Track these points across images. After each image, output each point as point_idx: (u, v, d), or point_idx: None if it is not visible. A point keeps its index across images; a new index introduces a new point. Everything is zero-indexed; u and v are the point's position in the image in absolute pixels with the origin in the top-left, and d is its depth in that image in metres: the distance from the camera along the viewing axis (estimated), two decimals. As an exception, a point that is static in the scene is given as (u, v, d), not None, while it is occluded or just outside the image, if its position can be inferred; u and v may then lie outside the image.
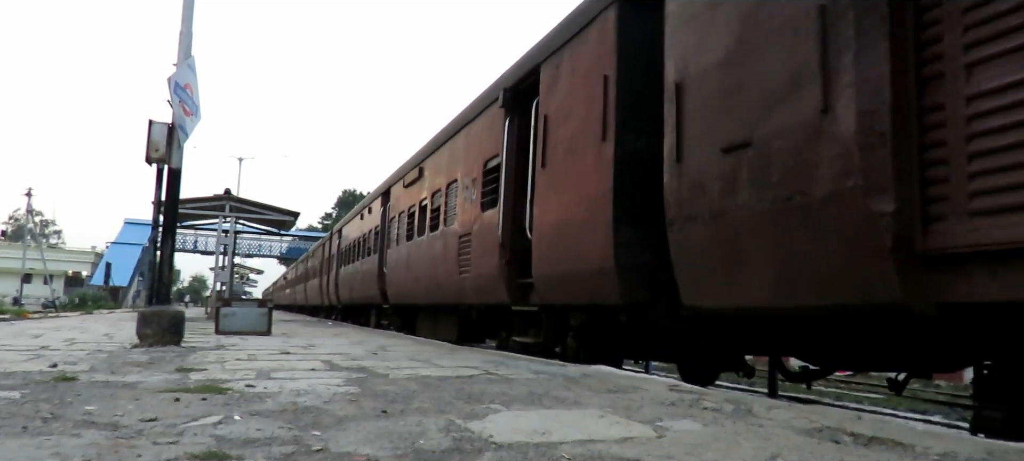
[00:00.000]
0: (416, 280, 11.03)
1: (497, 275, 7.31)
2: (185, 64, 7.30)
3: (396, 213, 13.26)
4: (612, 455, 2.17)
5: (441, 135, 10.74)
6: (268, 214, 20.57)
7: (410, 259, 11.53)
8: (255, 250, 61.07)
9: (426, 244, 10.54)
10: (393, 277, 12.91)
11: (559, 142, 6.19)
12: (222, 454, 2.07)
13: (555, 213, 6.14)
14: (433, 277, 9.97)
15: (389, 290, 13.27)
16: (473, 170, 8.59)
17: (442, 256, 9.52)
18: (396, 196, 13.51)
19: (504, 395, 3.51)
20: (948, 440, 2.48)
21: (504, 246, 7.17)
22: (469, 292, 8.36)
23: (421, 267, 10.75)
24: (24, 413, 2.71)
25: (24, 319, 15.46)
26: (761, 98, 3.75)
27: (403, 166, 13.38)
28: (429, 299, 10.49)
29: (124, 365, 4.79)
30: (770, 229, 3.66)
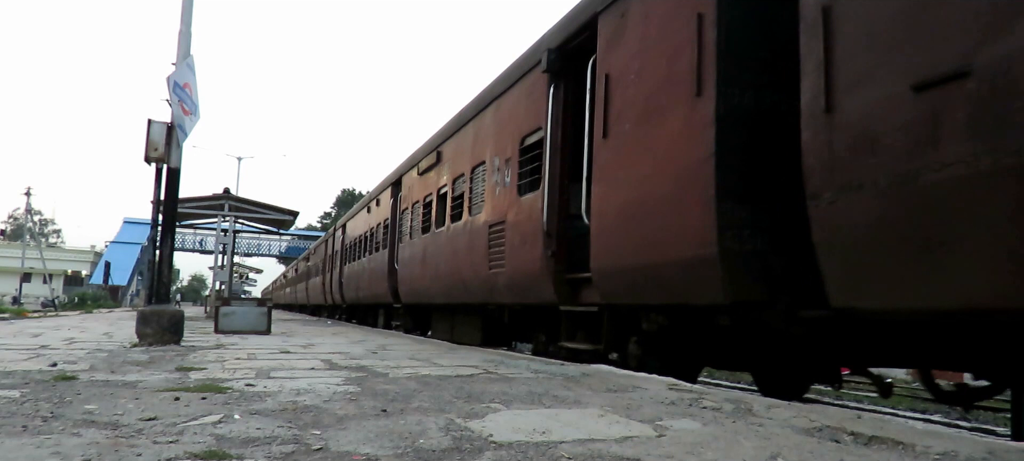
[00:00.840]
0: (434, 277, 9.93)
1: (540, 269, 6.29)
2: (184, 63, 7.30)
3: (409, 204, 12.01)
4: (612, 454, 2.17)
5: (464, 113, 9.45)
6: (267, 213, 20.55)
7: (426, 254, 10.43)
8: (254, 249, 61.07)
9: (446, 237, 9.42)
10: (406, 274, 11.76)
11: (629, 105, 5.11)
12: (222, 453, 2.07)
13: (623, 192, 5.08)
14: (455, 274, 8.91)
15: (401, 288, 12.13)
16: (506, 149, 7.46)
17: (467, 250, 8.45)
18: (409, 185, 12.24)
19: (504, 394, 3.51)
20: (948, 439, 2.48)
21: (549, 235, 6.14)
22: (501, 290, 7.32)
23: (440, 263, 9.63)
24: (24, 412, 2.71)
25: (24, 318, 15.45)
26: (991, 2, 2.71)
27: (417, 152, 12.14)
28: (450, 298, 9.37)
29: (124, 364, 4.79)
30: (1009, 193, 2.63)
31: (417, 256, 11.03)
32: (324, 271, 23.95)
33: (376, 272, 14.33)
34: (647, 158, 4.83)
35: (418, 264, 10.94)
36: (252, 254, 60.85)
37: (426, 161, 11.06)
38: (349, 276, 18.38)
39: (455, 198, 9.33)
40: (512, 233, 7.02)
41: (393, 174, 13.90)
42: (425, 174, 11.08)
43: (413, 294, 11.48)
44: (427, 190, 10.85)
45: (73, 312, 24.05)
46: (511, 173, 7.24)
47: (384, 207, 14.27)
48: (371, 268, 15.03)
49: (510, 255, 7.02)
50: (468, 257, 8.39)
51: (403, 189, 12.72)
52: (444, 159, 10.16)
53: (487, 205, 7.90)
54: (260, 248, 61.83)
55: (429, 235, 10.37)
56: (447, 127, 10.32)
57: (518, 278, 6.86)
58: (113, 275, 50.56)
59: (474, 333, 9.04)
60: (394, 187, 13.55)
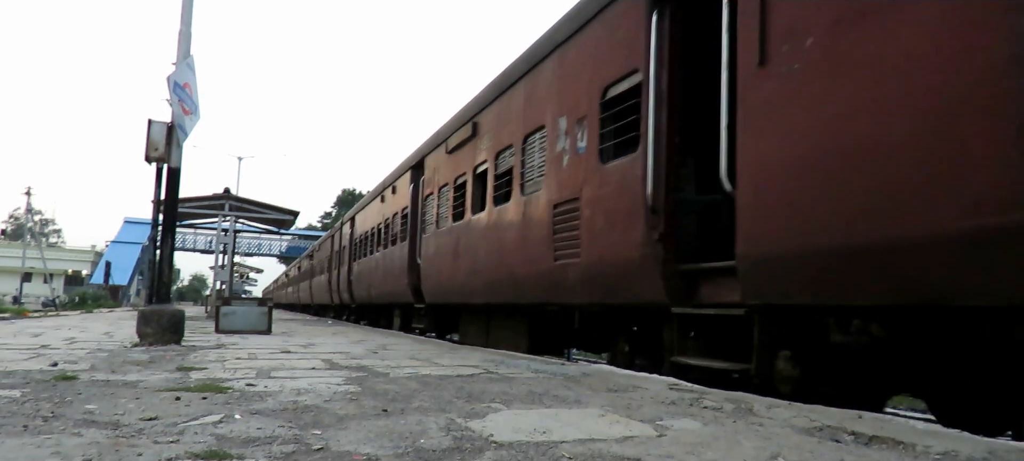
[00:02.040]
0: (470, 273, 8.46)
1: (640, 258, 4.89)
2: (184, 63, 7.31)
3: (434, 189, 10.48)
4: (612, 454, 2.17)
5: (510, 73, 7.86)
6: (268, 213, 20.56)
7: (459, 246, 8.95)
8: (255, 249, 61.14)
9: (487, 224, 8.02)
10: (431, 270, 10.29)
11: (813, 6, 3.59)
12: (223, 453, 2.07)
13: (804, 140, 3.58)
14: (500, 268, 7.50)
15: (425, 286, 10.63)
16: (578, 105, 6.00)
17: (518, 238, 7.08)
18: (434, 167, 10.67)
19: (504, 394, 3.51)
20: (949, 439, 2.48)
21: (655, 212, 4.75)
22: (572, 287, 5.92)
23: (478, 255, 8.19)
24: (25, 412, 2.71)
25: (24, 318, 15.46)
26: None
27: (443, 128, 10.53)
28: (492, 297, 7.91)
29: (124, 364, 4.79)
30: None
31: (446, 248, 9.60)
32: (330, 268, 22.58)
33: (392, 268, 12.90)
34: (861, 81, 3.27)
35: (447, 257, 9.50)
36: (252, 254, 60.92)
37: (458, 136, 9.44)
38: (360, 273, 16.94)
39: (499, 176, 7.85)
40: (592, 212, 5.61)
41: (413, 156, 12.25)
42: (456, 152, 9.52)
43: (440, 292, 10.03)
44: (459, 170, 9.34)
45: (73, 312, 24.06)
46: (588, 136, 5.78)
47: (402, 194, 12.69)
48: (386, 264, 13.60)
49: (589, 241, 5.63)
50: (520, 247, 7.03)
51: (426, 172, 11.16)
52: (482, 131, 8.61)
53: (550, 180, 6.45)
54: (260, 248, 61.92)
55: (462, 223, 8.96)
56: (485, 94, 8.72)
57: (602, 270, 5.44)
58: (113, 275, 50.59)
59: (517, 339, 7.68)
60: (414, 171, 11.93)
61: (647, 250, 4.83)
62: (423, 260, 10.78)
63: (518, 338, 7.68)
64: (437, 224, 10.18)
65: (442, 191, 10.09)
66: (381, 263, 14.09)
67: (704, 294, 4.52)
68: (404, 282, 11.76)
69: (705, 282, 4.54)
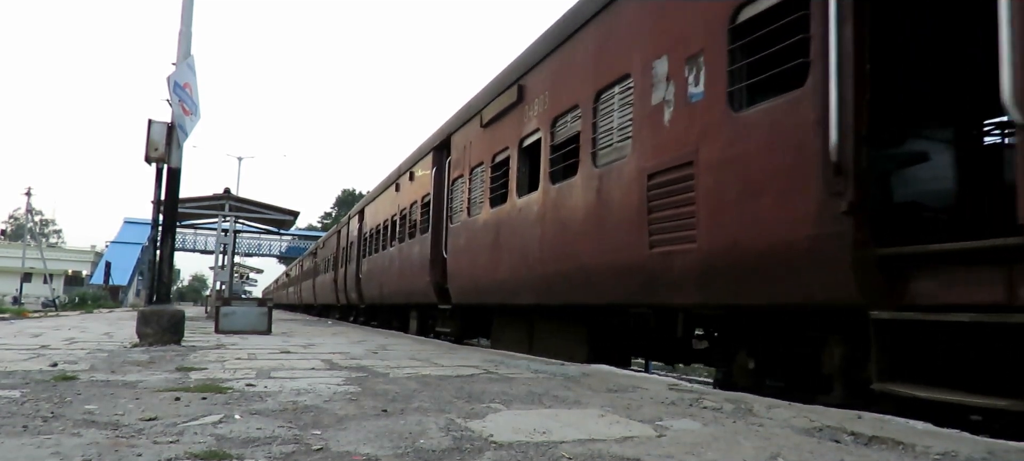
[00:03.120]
0: (516, 267, 7.15)
1: (815, 238, 3.54)
2: (184, 63, 7.31)
3: (464, 170, 9.13)
4: (612, 454, 2.17)
5: (572, 19, 6.39)
6: (268, 213, 20.56)
7: (500, 236, 7.65)
8: (255, 249, 61.16)
9: (542, 207, 6.64)
10: (461, 265, 8.96)
11: None
12: (223, 453, 2.07)
13: None
14: (564, 259, 6.10)
15: (452, 284, 9.28)
16: (689, 40, 4.62)
17: (590, 220, 5.69)
18: (463, 145, 9.33)
19: (504, 394, 3.51)
20: (948, 439, 2.48)
21: (842, 172, 3.39)
22: (682, 282, 4.54)
23: (528, 246, 6.86)
24: (24, 412, 2.71)
25: (24, 318, 15.46)
26: None
27: (476, 99, 9.04)
28: (546, 296, 6.58)
29: (124, 364, 4.79)
30: None
31: (481, 240, 8.26)
32: (336, 266, 21.07)
33: (411, 264, 11.55)
34: None
35: (483, 250, 8.15)
36: (252, 254, 60.93)
37: (497, 105, 8.02)
38: (370, 271, 15.54)
39: (558, 146, 6.48)
40: (717, 180, 4.26)
41: (437, 135, 10.86)
42: (495, 124, 8.15)
43: (472, 291, 8.65)
44: (498, 146, 8.01)
45: (73, 312, 24.06)
46: (706, 77, 4.45)
47: (422, 180, 11.34)
48: (403, 260, 12.26)
49: (712, 219, 4.27)
50: (591, 233, 5.66)
51: (454, 152, 9.80)
52: (530, 95, 7.23)
53: (641, 143, 5.04)
54: (260, 248, 61.93)
55: (504, 209, 7.63)
56: (535, 50, 7.31)
57: (738, 259, 4.07)
58: (113, 275, 50.62)
59: (573, 346, 6.42)
60: (438, 152, 10.53)
61: (826, 228, 3.47)
62: (450, 254, 9.48)
63: (573, 346, 6.41)
64: (468, 211, 8.85)
65: (475, 173, 8.73)
66: (396, 259, 12.75)
67: (920, 292, 3.23)
68: (425, 280, 10.41)
69: (922, 274, 3.25)
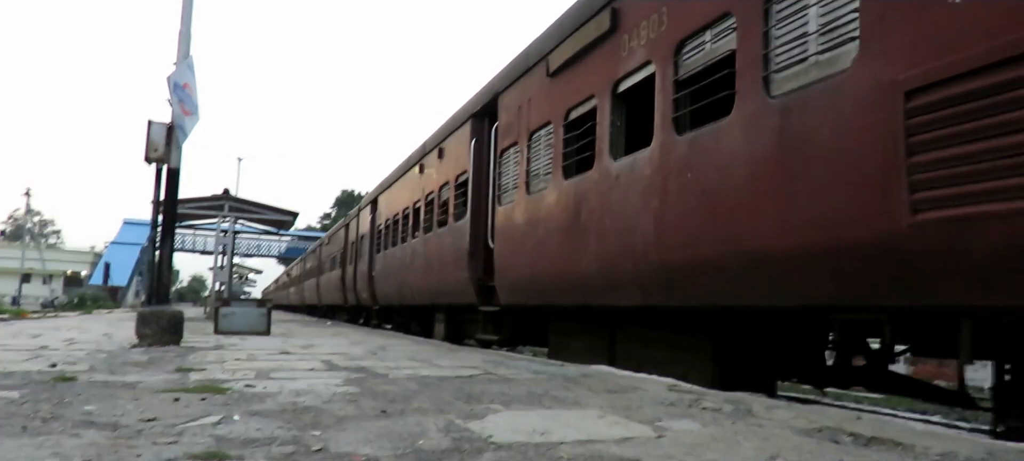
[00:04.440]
0: (615, 254, 5.40)
1: None
2: (184, 64, 7.31)
3: (520, 137, 7.35)
4: (612, 455, 2.17)
5: None
6: (267, 214, 20.60)
7: (583, 214, 5.87)
8: (254, 250, 61.12)
9: (660, 168, 4.86)
10: (516, 256, 7.29)
11: None
12: (222, 454, 2.07)
13: None
14: (715, 238, 4.36)
15: (502, 280, 7.60)
16: None
17: (768, 178, 3.92)
18: (518, 106, 7.54)
19: (504, 395, 3.51)
20: (948, 440, 2.48)
21: None
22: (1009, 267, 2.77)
23: (636, 223, 5.10)
24: (24, 413, 2.71)
25: (23, 319, 15.45)
26: None
27: (536, 44, 7.25)
28: (659, 295, 4.96)
29: (123, 365, 4.79)
30: None
31: (546, 222, 6.59)
32: (344, 263, 19.16)
33: (441, 257, 9.82)
34: None
35: (552, 236, 6.44)
36: (252, 255, 60.91)
37: (574, 43, 6.26)
38: (387, 268, 13.65)
39: (689, 79, 4.74)
40: None
41: (477, 98, 9.00)
42: (569, 70, 6.39)
43: (531, 289, 7.03)
44: (575, 95, 6.25)
45: (72, 313, 24.04)
46: None
47: (457, 155, 9.61)
48: (429, 253, 10.46)
49: None
50: (772, 196, 3.86)
51: (503, 116, 8.00)
52: (631, 19, 5.43)
53: (890, 37, 3.21)
54: (260, 249, 61.89)
55: (587, 178, 5.87)
56: None
57: None
58: (113, 276, 50.57)
59: (688, 364, 5.04)
60: (478, 121, 8.81)
61: None
62: (499, 243, 7.76)
63: (688, 364, 4.99)
64: (527, 187, 7.14)
65: (537, 138, 7.06)
66: (421, 253, 10.99)
67: None
68: (462, 276, 8.70)
69: None
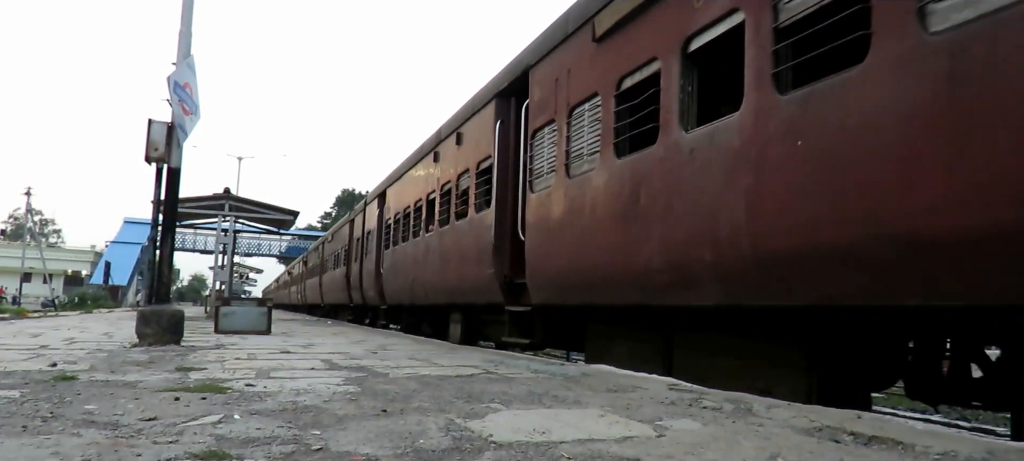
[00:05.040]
0: (687, 244, 4.46)
1: None
2: (184, 63, 7.30)
3: (556, 112, 6.43)
4: (612, 454, 2.17)
5: None
6: (267, 213, 20.59)
7: (643, 197, 4.96)
8: (254, 249, 61.17)
9: (752, 136, 3.91)
10: (552, 249, 6.40)
11: None
12: (222, 453, 2.07)
13: None
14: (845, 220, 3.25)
15: (535, 277, 6.70)
16: None
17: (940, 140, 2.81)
18: (554, 78, 6.56)
19: (504, 394, 3.51)
20: (948, 439, 2.48)
21: None
22: None
23: (717, 206, 4.16)
24: (24, 412, 2.71)
25: (23, 318, 15.46)
26: None
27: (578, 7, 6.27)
28: (747, 293, 4.06)
29: (124, 364, 4.79)
30: None
31: (592, 209, 5.71)
32: (349, 260, 18.48)
33: (460, 252, 8.96)
34: None
35: (600, 224, 5.56)
36: (252, 254, 60.93)
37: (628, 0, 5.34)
38: (396, 265, 12.81)
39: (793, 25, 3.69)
40: None
41: (503, 75, 8.07)
42: (622, 31, 5.41)
43: (570, 287, 6.15)
44: (631, 61, 5.25)
45: (73, 312, 24.05)
46: None
47: (478, 140, 8.67)
48: (446, 247, 9.63)
49: None
50: (945, 164, 2.83)
51: (536, 92, 6.96)
52: None
53: None
54: (260, 248, 61.92)
55: (649, 155, 4.94)
56: None
57: None
58: (113, 275, 50.58)
59: (775, 376, 4.23)
60: (503, 100, 7.90)
61: None
62: (531, 235, 6.83)
63: (778, 373, 4.19)
64: (566, 170, 6.22)
65: (580, 113, 6.08)
66: (436, 248, 10.14)
67: None
68: (485, 273, 7.89)
69: None
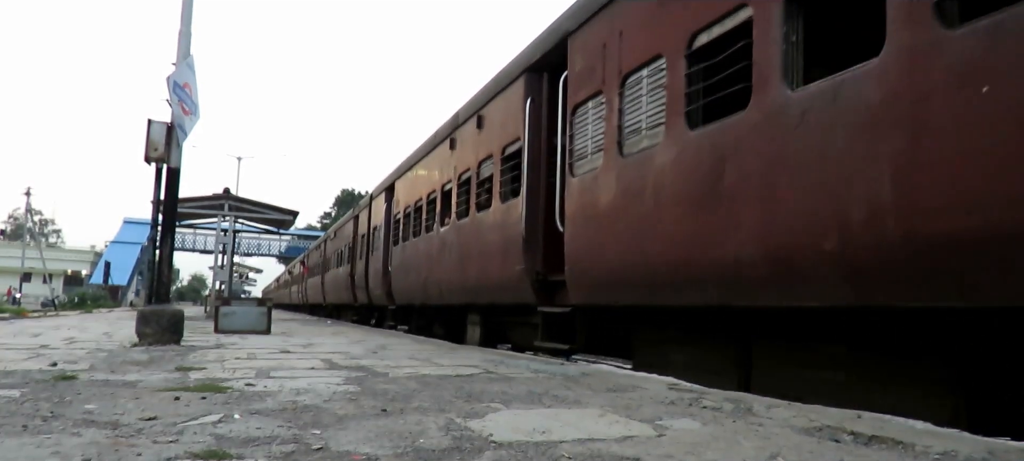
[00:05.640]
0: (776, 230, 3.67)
1: None
2: (184, 63, 7.30)
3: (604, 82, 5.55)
4: (612, 454, 2.17)
5: None
6: (267, 213, 20.58)
7: (736, 173, 4.03)
8: (254, 249, 61.20)
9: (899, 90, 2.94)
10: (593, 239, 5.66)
11: None
12: (222, 453, 2.07)
13: None
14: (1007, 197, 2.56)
15: (576, 273, 5.90)
16: None
17: None
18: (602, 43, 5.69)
19: (504, 394, 3.51)
20: (948, 439, 2.48)
21: None
22: None
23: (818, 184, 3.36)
24: (24, 412, 2.71)
25: (23, 318, 15.46)
26: None
27: None
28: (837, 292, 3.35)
29: (124, 364, 4.79)
30: None
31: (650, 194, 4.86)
32: (353, 258, 17.75)
33: (483, 247, 8.11)
34: None
35: (669, 208, 4.64)
36: (252, 254, 60.97)
37: None
38: (406, 262, 12.02)
39: None
40: None
41: (535, 46, 7.22)
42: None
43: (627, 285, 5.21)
44: (703, 14, 4.41)
45: (73, 312, 24.05)
46: None
47: (502, 123, 7.88)
48: (465, 242, 8.78)
49: None
50: None
51: (578, 61, 6.09)
52: None
53: None
54: (260, 248, 61.98)
55: (728, 125, 4.14)
56: None
57: None
58: (113, 275, 50.60)
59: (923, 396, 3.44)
60: (533, 75, 7.09)
61: None
62: (573, 225, 6.01)
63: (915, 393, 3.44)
64: (619, 148, 5.26)
65: (637, 79, 5.08)
66: (454, 243, 9.26)
67: None
68: (514, 269, 7.04)
69: None
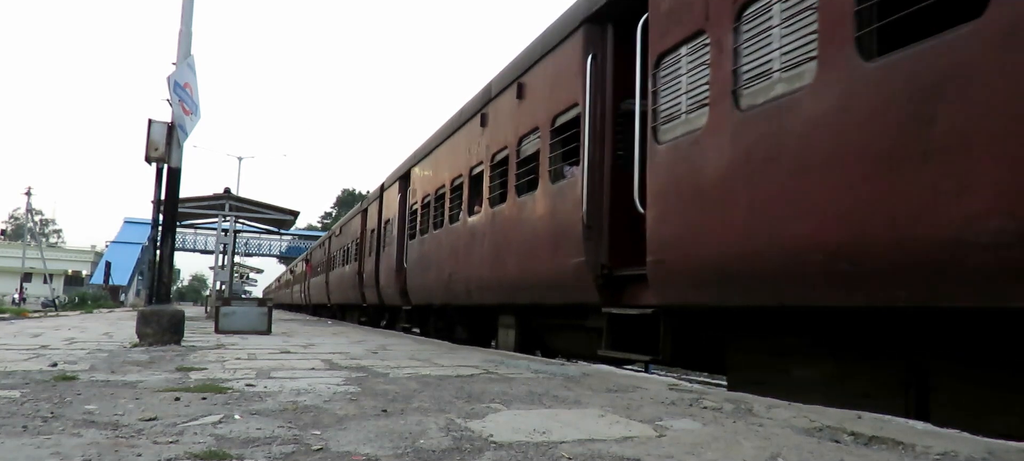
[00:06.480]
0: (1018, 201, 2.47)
1: None
2: (185, 63, 7.30)
3: (704, 24, 4.26)
4: (612, 454, 2.17)
5: None
6: (268, 213, 20.56)
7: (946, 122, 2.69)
8: (255, 249, 61.20)
9: None
10: (693, 219, 4.32)
11: None
12: (222, 453, 2.07)
13: None
14: None
15: (660, 267, 4.65)
16: None
17: None
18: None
19: (504, 394, 3.51)
20: (948, 439, 2.47)
21: None
22: None
23: None
24: (24, 412, 2.71)
25: (24, 318, 15.46)
26: None
27: None
28: None
29: (124, 364, 4.79)
30: None
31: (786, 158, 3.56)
32: (361, 255, 16.39)
33: (524, 236, 6.91)
34: None
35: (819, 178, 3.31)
36: (253, 254, 60.97)
37: None
38: (424, 257, 10.64)
39: None
40: None
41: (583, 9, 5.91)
42: None
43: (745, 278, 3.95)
44: None
45: (73, 312, 24.05)
46: None
47: (551, 88, 6.55)
48: (505, 230, 7.43)
49: None
50: None
51: None
52: None
53: None
54: (260, 248, 61.97)
55: (925, 52, 2.80)
56: None
57: None
58: (113, 275, 50.63)
59: None
60: (594, 27, 5.78)
61: None
62: (658, 204, 4.70)
63: None
64: (734, 100, 3.99)
65: (763, 9, 3.82)
66: (486, 233, 7.95)
67: None
68: (570, 261, 5.82)
69: None
